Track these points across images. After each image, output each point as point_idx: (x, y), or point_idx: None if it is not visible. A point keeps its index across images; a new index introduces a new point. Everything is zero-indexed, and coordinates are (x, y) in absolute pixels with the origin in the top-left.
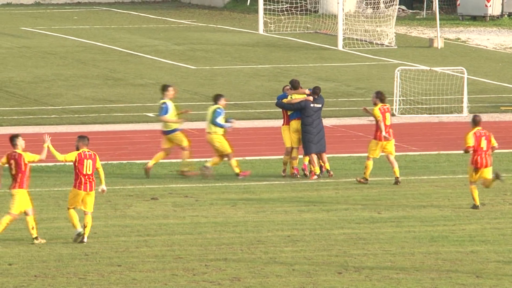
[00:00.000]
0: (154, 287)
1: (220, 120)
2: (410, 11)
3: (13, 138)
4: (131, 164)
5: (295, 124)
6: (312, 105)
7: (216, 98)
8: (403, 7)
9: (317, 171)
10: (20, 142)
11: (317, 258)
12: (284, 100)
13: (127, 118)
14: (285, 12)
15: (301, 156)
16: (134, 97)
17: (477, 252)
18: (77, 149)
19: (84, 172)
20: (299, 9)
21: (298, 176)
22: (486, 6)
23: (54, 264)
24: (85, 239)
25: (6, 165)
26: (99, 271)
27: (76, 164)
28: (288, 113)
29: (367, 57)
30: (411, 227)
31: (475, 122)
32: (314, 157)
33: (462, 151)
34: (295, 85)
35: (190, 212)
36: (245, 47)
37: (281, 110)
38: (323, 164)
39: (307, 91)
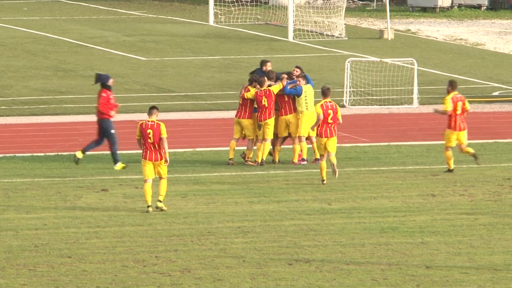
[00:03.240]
0: (105, 278)
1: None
2: (361, 2)
3: (152, 108)
4: None
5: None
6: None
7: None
8: None
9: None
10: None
11: (267, 249)
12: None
13: (77, 110)
14: (236, 4)
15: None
16: (84, 88)
17: (427, 243)
18: None
19: None
20: (249, 0)
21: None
22: None
23: (4, 256)
24: None
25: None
26: (49, 262)
27: None
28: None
29: (318, 48)
30: (362, 218)
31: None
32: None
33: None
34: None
35: (140, 204)
36: (196, 38)
37: (275, 100)
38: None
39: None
